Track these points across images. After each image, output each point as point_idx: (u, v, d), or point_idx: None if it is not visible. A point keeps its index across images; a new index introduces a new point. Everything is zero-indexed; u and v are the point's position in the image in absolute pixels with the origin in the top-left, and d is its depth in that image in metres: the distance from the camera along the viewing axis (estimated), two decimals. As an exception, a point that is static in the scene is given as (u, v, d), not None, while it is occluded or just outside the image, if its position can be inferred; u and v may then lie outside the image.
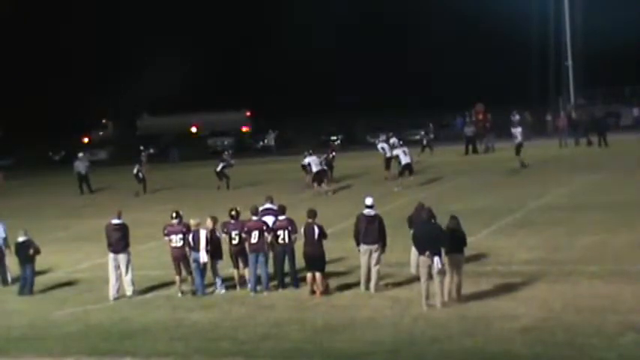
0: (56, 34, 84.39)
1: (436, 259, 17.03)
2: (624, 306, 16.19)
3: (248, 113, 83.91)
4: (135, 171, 41.84)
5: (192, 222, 20.20)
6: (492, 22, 65.03)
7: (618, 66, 62.99)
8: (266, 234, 19.70)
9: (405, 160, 35.23)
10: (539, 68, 58.58)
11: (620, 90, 64.96)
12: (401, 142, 39.37)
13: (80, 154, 46.63)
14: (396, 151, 36.64)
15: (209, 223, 20.18)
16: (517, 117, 56.17)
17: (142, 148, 58.10)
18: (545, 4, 59.60)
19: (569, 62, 59.52)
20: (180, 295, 19.96)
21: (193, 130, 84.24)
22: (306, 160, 37.48)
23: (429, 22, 74.20)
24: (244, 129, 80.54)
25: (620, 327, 14.93)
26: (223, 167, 40.81)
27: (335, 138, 67.65)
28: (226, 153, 44.10)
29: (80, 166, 44.95)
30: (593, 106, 61.61)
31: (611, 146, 46.40)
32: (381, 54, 77.76)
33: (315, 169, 36.50)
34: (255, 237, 19.65)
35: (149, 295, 20.45)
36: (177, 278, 20.17)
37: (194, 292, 20.00)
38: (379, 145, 39.56)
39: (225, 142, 73.21)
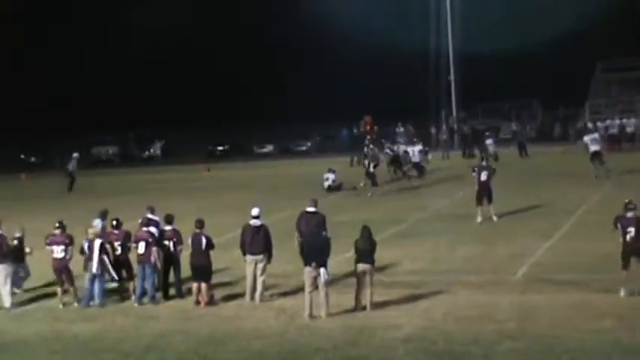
0: None
1: (322, 270, 17.25)
2: (501, 315, 16.72)
3: None
4: None
5: (90, 231, 19.85)
6: (376, 38, 65.92)
7: (498, 83, 64.85)
8: (152, 246, 19.55)
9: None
10: (421, 82, 59.88)
11: (499, 105, 67.00)
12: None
13: None
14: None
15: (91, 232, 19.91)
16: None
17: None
18: (427, 23, 61.10)
19: (452, 77, 60.99)
20: (62, 306, 19.61)
21: None
22: (326, 175, 37.91)
23: (316, 37, 74.62)
24: None
25: (497, 335, 15.42)
26: None
27: (221, 148, 67.76)
28: None
29: None
30: (474, 119, 63.33)
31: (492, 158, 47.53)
32: (264, 67, 77.74)
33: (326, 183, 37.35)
34: (142, 248, 19.50)
35: (29, 307, 20.01)
36: (58, 290, 19.81)
37: (79, 301, 19.65)
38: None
39: (110, 151, 72.21)
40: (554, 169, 39.56)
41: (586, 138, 38.32)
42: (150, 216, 20.99)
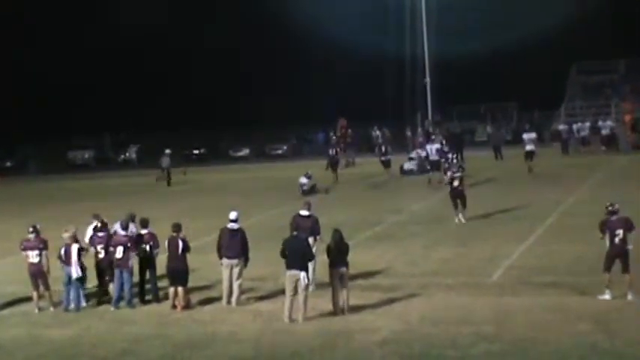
0: None
1: (302, 274, 17.25)
2: (477, 317, 16.79)
3: None
4: None
5: (65, 235, 19.74)
6: (352, 41, 66.09)
7: (473, 85, 65.14)
8: (131, 251, 19.45)
9: None
10: (396, 85, 60.09)
11: (475, 108, 67.28)
12: None
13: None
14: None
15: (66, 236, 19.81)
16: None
17: None
18: (403, 25, 61.34)
19: (427, 80, 61.18)
20: (37, 311, 19.50)
21: None
22: (302, 180, 37.28)
23: (293, 40, 74.64)
24: None
25: (473, 338, 15.48)
26: None
27: (197, 152, 67.73)
28: None
29: None
30: (449, 122, 63.57)
31: (467, 161, 47.75)
32: (240, 71, 77.69)
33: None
34: (120, 252, 19.41)
35: (5, 312, 19.87)
36: (34, 294, 19.70)
37: (55, 305, 19.56)
38: None
39: (86, 155, 71.71)
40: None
41: (524, 136, 42.30)
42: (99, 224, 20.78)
